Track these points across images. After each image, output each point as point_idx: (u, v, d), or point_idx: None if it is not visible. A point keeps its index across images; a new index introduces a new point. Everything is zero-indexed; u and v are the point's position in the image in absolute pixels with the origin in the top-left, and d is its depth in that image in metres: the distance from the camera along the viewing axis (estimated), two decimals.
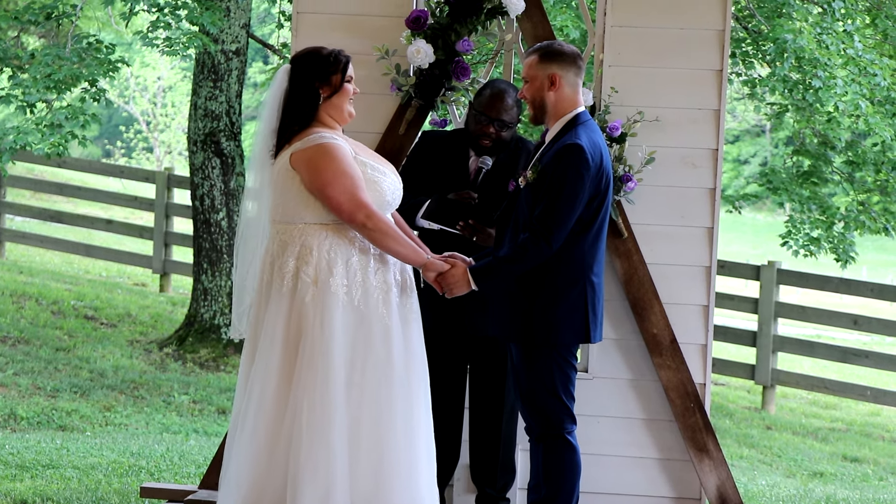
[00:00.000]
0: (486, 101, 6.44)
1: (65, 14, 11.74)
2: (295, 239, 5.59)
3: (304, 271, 5.54)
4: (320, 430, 5.44)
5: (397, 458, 5.55)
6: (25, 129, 11.12)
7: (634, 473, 6.84)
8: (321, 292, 5.52)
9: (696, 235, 6.80)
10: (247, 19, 13.42)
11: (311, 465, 5.43)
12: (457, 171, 6.49)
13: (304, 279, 5.54)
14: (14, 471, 8.06)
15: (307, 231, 5.59)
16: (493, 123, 6.41)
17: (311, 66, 5.65)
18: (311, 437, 5.44)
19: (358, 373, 5.52)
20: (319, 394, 5.46)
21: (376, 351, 5.55)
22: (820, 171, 13.36)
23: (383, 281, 5.62)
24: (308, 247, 5.57)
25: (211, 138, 13.42)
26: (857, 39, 11.89)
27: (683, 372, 6.74)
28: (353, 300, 5.55)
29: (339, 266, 5.55)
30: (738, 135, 39.25)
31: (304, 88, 5.63)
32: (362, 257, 5.59)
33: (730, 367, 14.94)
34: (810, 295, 18.94)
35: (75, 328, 14.37)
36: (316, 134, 5.60)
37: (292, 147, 5.59)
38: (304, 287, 5.54)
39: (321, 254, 5.55)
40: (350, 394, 5.51)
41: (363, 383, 5.53)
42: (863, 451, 13.13)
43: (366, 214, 5.52)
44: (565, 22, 12.19)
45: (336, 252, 5.56)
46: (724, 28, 6.75)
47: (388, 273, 5.64)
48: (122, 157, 37.13)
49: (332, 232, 5.58)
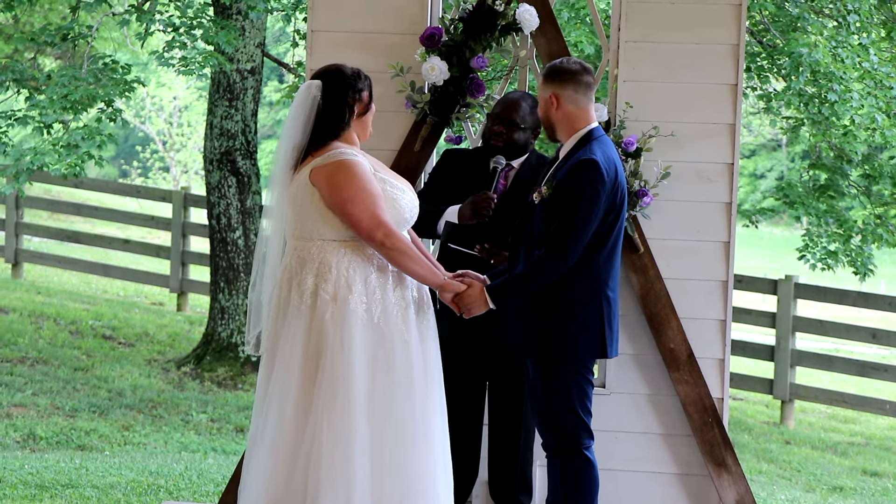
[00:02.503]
0: (498, 104, 6.51)
1: (81, 35, 11.80)
2: (313, 256, 5.59)
3: (324, 288, 5.54)
4: (341, 447, 5.43)
5: (419, 477, 5.54)
6: (42, 149, 11.16)
7: (652, 489, 6.83)
8: (340, 310, 5.52)
9: (713, 250, 6.80)
10: (262, 38, 13.46)
11: (331, 483, 5.42)
12: (479, 186, 6.49)
13: (324, 296, 5.54)
14: (34, 491, 8.07)
15: (326, 248, 5.59)
16: (502, 122, 6.43)
17: (345, 82, 5.65)
18: (332, 455, 5.43)
19: (380, 390, 5.52)
20: (340, 411, 5.46)
21: (397, 368, 5.55)
22: (836, 184, 13.33)
23: (402, 298, 5.62)
24: (327, 264, 5.57)
25: (227, 157, 13.45)
26: (873, 53, 11.88)
27: (701, 387, 6.72)
28: (372, 317, 5.55)
29: (358, 284, 5.55)
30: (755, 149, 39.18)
31: (340, 103, 5.63)
32: (381, 275, 5.60)
33: (748, 381, 14.89)
34: (828, 309, 18.85)
35: (93, 348, 14.40)
36: (336, 150, 5.60)
37: (312, 163, 5.59)
38: (323, 304, 5.54)
39: (340, 271, 5.55)
40: (372, 411, 5.50)
41: (385, 401, 5.52)
42: (882, 465, 13.07)
43: (384, 233, 5.52)
44: (580, 38, 12.20)
45: (355, 270, 5.57)
46: (738, 42, 6.75)
47: (405, 290, 5.64)
48: (138, 177, 37.22)
49: (351, 249, 5.59)
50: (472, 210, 6.38)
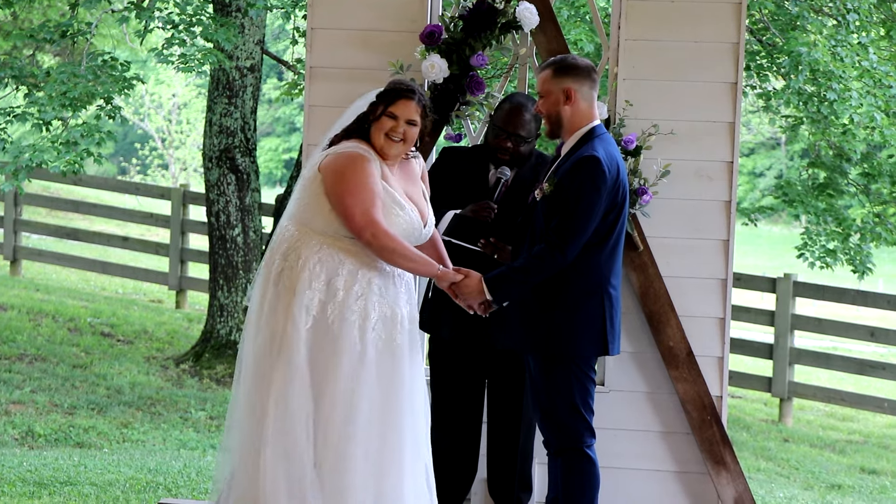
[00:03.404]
0: (503, 115, 6.44)
1: (80, 32, 11.79)
2: (295, 237, 5.65)
3: (287, 275, 5.60)
4: (288, 433, 5.58)
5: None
6: (41, 146, 11.16)
7: (652, 486, 6.83)
8: (297, 300, 5.57)
9: (712, 248, 6.80)
10: (261, 36, 13.45)
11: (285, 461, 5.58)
12: (478, 185, 6.48)
13: (285, 283, 5.61)
14: (32, 488, 8.07)
15: (304, 238, 5.63)
16: (510, 138, 6.40)
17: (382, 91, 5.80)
18: (281, 436, 5.59)
19: (317, 389, 5.57)
20: (276, 400, 5.59)
21: (342, 374, 5.55)
22: (835, 183, 13.34)
23: (363, 308, 5.61)
24: (297, 252, 5.61)
25: (226, 154, 13.45)
26: (872, 51, 11.88)
27: (700, 385, 6.73)
28: (326, 317, 5.57)
29: (321, 282, 5.58)
30: (754, 147, 39.18)
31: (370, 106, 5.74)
32: (348, 279, 5.61)
33: (747, 379, 14.90)
34: (827, 307, 18.84)
35: (92, 345, 14.39)
36: (353, 144, 5.67)
37: (328, 151, 5.68)
38: (284, 291, 5.60)
39: (308, 265, 5.59)
40: (316, 405, 5.58)
41: (322, 405, 5.58)
42: (881, 463, 13.08)
43: (372, 233, 5.56)
44: (579, 36, 12.20)
45: (322, 268, 5.60)
46: (738, 41, 6.75)
47: (370, 304, 5.61)
48: (137, 175, 37.20)
49: (327, 246, 5.62)
50: (474, 216, 6.38)
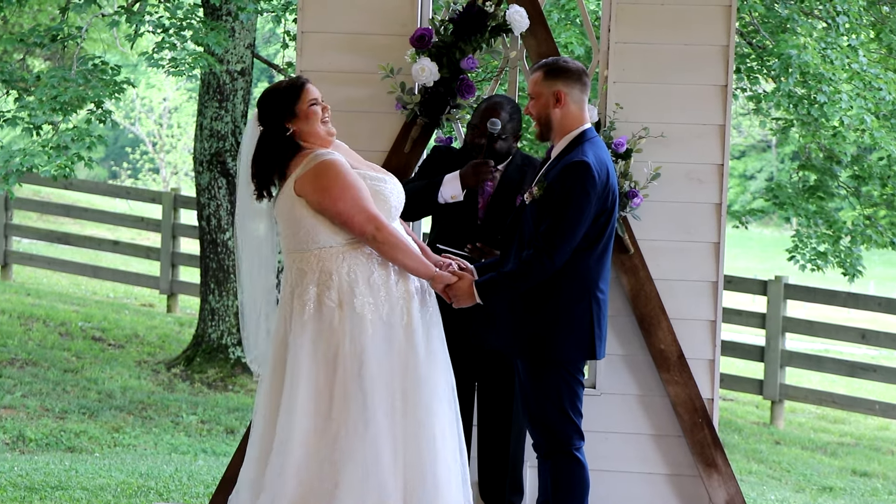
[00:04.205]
0: (479, 113, 6.47)
1: (70, 36, 11.78)
2: (313, 265, 5.60)
3: (328, 296, 5.55)
4: (369, 448, 5.47)
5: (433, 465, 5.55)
6: (32, 151, 11.14)
7: (643, 489, 6.83)
8: (347, 314, 5.54)
9: (703, 251, 6.80)
10: (252, 39, 13.45)
11: (363, 481, 5.45)
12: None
13: (329, 304, 5.55)
14: (23, 493, 8.06)
15: (323, 256, 5.59)
16: (483, 133, 6.39)
17: (273, 106, 5.63)
18: (358, 458, 5.46)
19: (398, 389, 5.55)
20: (361, 416, 5.47)
21: (406, 362, 5.57)
22: (826, 185, 13.36)
23: (405, 291, 5.64)
24: (327, 271, 5.57)
25: (217, 158, 13.44)
26: (862, 54, 11.90)
27: (691, 387, 6.73)
28: (381, 316, 5.57)
29: (362, 285, 5.56)
30: (744, 150, 39.26)
31: (274, 129, 5.62)
32: (382, 272, 5.61)
33: (738, 382, 14.91)
34: (818, 309, 18.89)
35: (83, 349, 14.37)
36: (312, 154, 5.60)
37: (294, 174, 5.59)
38: (328, 312, 5.55)
39: (342, 276, 5.56)
40: (393, 412, 5.53)
41: (404, 400, 5.55)
42: (872, 465, 13.10)
43: (376, 227, 5.54)
44: (570, 39, 12.21)
45: (356, 273, 5.58)
46: (728, 44, 6.75)
47: (409, 283, 5.67)
48: (128, 179, 37.18)
49: (349, 253, 5.59)
50: (475, 174, 6.32)
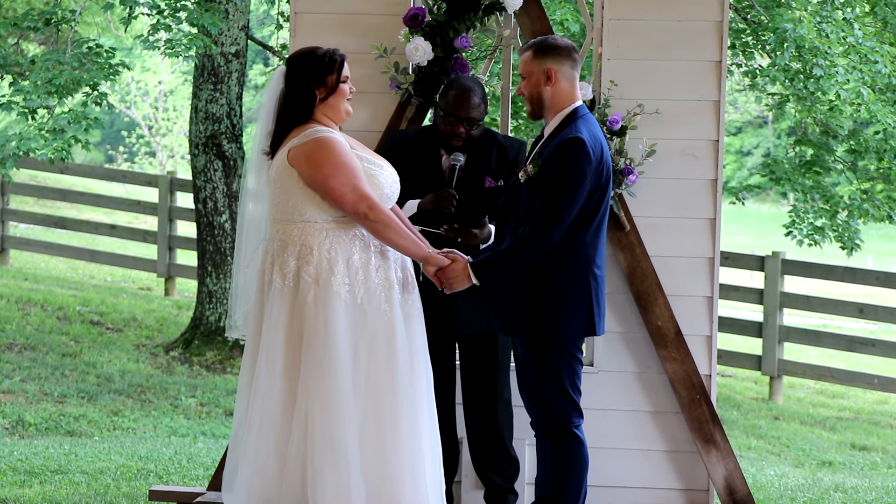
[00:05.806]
0: (452, 100, 6.36)
1: (64, 20, 11.75)
2: (295, 238, 5.59)
3: (306, 271, 5.54)
4: (335, 429, 5.44)
5: (401, 451, 5.55)
6: (28, 135, 11.12)
7: (642, 466, 6.84)
8: (323, 292, 5.52)
9: (699, 227, 6.80)
10: (246, 21, 13.42)
11: (330, 463, 5.43)
12: (430, 169, 6.42)
13: (306, 279, 5.54)
14: (23, 477, 8.07)
15: (307, 230, 5.58)
16: (462, 123, 6.35)
17: (306, 68, 5.64)
18: (328, 437, 5.44)
19: (363, 372, 5.53)
20: (327, 393, 5.46)
21: (380, 348, 5.55)
22: (822, 160, 13.34)
23: (385, 278, 5.61)
24: (308, 246, 5.56)
25: (212, 141, 13.42)
26: (858, 27, 11.87)
27: (689, 364, 6.74)
28: (355, 298, 5.55)
29: (341, 265, 5.55)
30: (741, 126, 39.20)
31: (300, 90, 5.62)
32: (363, 255, 5.59)
33: (736, 358, 14.93)
34: (815, 284, 18.88)
35: (81, 333, 14.38)
36: (312, 129, 5.60)
37: (289, 144, 5.59)
38: (305, 287, 5.53)
39: (322, 253, 5.55)
40: (357, 392, 5.51)
41: (367, 381, 5.53)
42: (871, 439, 13.12)
43: (368, 205, 5.52)
44: (564, 16, 12.19)
45: (337, 251, 5.56)
46: (722, 19, 6.74)
47: (389, 270, 5.63)
48: (124, 162, 37.12)
49: (333, 231, 5.58)
50: (435, 207, 6.30)
